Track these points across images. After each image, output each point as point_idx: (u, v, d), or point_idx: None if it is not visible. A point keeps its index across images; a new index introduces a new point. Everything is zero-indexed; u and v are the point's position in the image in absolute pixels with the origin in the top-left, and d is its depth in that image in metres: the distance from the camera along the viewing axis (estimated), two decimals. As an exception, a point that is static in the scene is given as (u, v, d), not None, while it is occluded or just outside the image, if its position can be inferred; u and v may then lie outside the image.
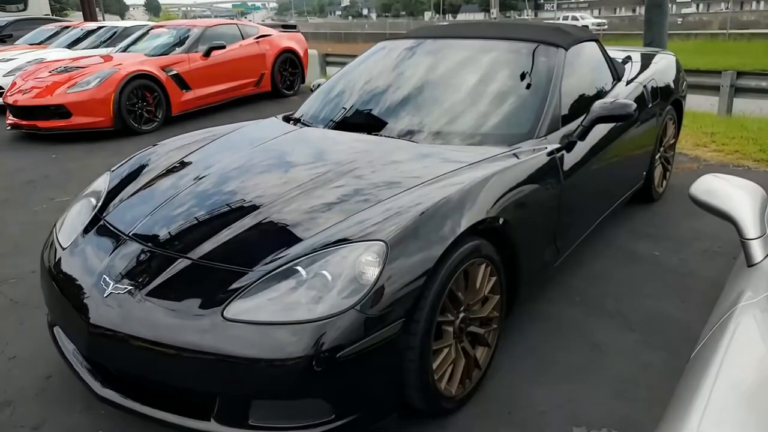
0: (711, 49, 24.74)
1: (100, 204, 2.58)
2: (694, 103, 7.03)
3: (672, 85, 4.22)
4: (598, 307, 2.97)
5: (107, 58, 7.83)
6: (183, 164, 2.82)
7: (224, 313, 1.84)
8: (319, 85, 3.80)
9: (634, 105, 2.86)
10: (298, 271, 1.91)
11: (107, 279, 2.09)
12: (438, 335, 2.07)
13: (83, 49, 9.88)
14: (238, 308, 1.85)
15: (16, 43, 11.80)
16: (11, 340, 2.80)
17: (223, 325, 1.82)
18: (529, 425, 2.18)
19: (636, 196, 4.02)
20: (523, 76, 3.05)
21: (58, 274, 2.29)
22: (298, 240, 2.04)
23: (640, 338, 2.70)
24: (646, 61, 4.28)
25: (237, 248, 2.10)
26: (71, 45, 10.30)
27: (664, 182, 4.40)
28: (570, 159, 2.81)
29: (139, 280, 2.05)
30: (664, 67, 4.29)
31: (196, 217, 2.31)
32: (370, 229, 1.99)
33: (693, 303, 2.98)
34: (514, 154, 2.58)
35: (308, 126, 3.23)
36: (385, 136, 2.89)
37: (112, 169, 2.88)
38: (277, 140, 3.02)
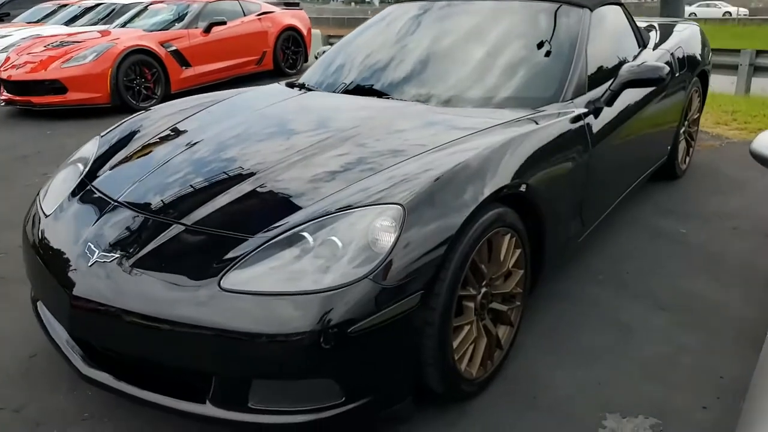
0: (722, 34, 24.35)
1: (87, 170, 2.38)
2: (711, 82, 6.78)
3: (698, 56, 3.98)
4: (624, 285, 2.77)
5: (105, 34, 7.58)
6: (178, 130, 2.61)
7: (221, 283, 1.64)
8: (323, 52, 3.58)
9: (667, 68, 2.64)
10: (304, 238, 1.70)
11: (92, 247, 1.89)
12: (458, 311, 1.87)
13: (81, 26, 9.62)
14: (236, 278, 1.65)
15: (13, 21, 11.54)
16: (-6, 316, 2.61)
17: (220, 296, 1.62)
18: (556, 411, 1.98)
19: (658, 172, 3.80)
20: (546, 37, 2.82)
21: (40, 243, 2.09)
22: (302, 206, 1.83)
23: (673, 318, 2.49)
24: (670, 29, 4.04)
25: (235, 214, 1.89)
26: (69, 23, 10.05)
27: (687, 159, 4.18)
28: (597, 125, 2.59)
29: (128, 248, 1.85)
30: (688, 36, 4.05)
31: (190, 184, 2.10)
32: (382, 194, 1.77)
33: (726, 282, 2.77)
34: (539, 118, 2.36)
35: (312, 91, 3.01)
36: (397, 99, 2.67)
37: (101, 135, 2.67)
38: (278, 105, 2.81)
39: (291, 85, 3.17)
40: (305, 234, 1.71)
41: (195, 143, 2.39)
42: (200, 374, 1.69)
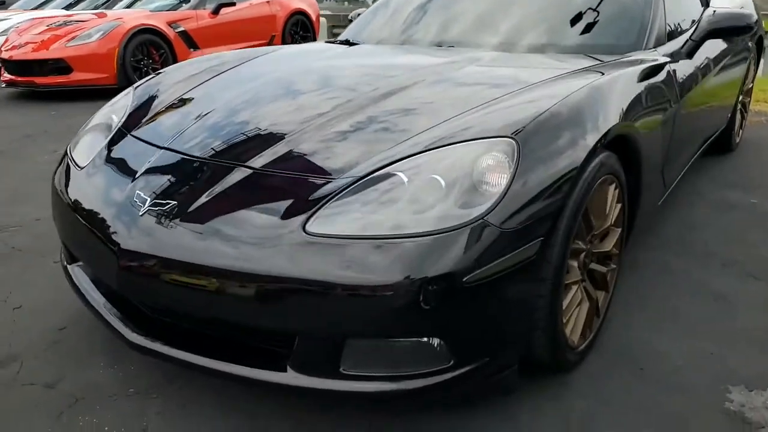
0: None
1: (123, 120, 2.11)
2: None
3: (755, 20, 3.76)
4: (705, 255, 2.53)
5: (101, 15, 7.26)
6: (224, 76, 2.35)
7: (307, 227, 1.39)
8: (359, 15, 3.33)
9: (754, 15, 2.42)
10: (397, 176, 1.45)
11: (142, 195, 1.63)
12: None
13: (80, 11, 9.30)
14: (324, 222, 1.40)
15: (11, 7, 11.20)
16: (14, 288, 2.33)
17: (306, 242, 1.37)
18: (670, 383, 1.74)
19: (713, 145, 3.57)
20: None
21: (76, 197, 1.82)
22: (389, 145, 1.58)
23: (770, 288, 2.27)
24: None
25: (310, 156, 1.64)
26: (68, 8, 9.72)
27: (741, 131, 3.96)
28: (680, 77, 2.36)
29: (186, 194, 1.59)
30: (743, 1, 3.83)
31: (247, 129, 1.84)
32: (487, 128, 1.53)
33: (817, 251, 2.55)
34: (628, 63, 2.12)
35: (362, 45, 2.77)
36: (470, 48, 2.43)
37: (135, 86, 2.40)
38: (331, 58, 2.56)
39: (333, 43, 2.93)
40: (399, 173, 1.46)
41: (247, 91, 2.14)
42: (280, 336, 1.43)
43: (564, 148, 1.52)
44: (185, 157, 1.74)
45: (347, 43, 2.87)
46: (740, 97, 3.70)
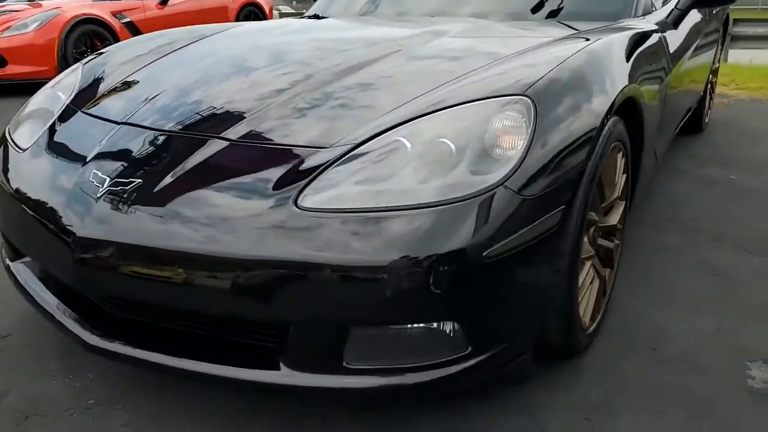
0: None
1: (73, 96, 1.87)
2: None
3: (722, -2, 3.75)
4: (694, 230, 2.46)
5: (36, 6, 6.80)
6: (192, 50, 2.13)
7: (299, 201, 1.20)
8: None
9: None
10: (399, 141, 1.28)
11: (99, 175, 1.41)
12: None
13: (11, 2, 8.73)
14: (318, 195, 1.22)
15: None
16: (-52, 293, 2.05)
17: (299, 218, 1.18)
18: (686, 363, 1.63)
19: (686, 124, 3.54)
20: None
21: (18, 183, 1.58)
22: (385, 111, 1.41)
23: (766, 261, 2.19)
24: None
25: (293, 126, 1.45)
26: None
27: (709, 112, 3.95)
28: (670, 46, 2.27)
29: (152, 171, 1.38)
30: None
31: (216, 102, 1.63)
32: (496, 87, 1.37)
33: (804, 223, 2.52)
34: (621, 29, 2.00)
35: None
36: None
37: (84, 62, 2.14)
38: (304, 30, 2.37)
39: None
40: (400, 138, 1.29)
41: (213, 53, 1.94)
42: (271, 327, 1.24)
43: (580, 109, 1.39)
44: (149, 131, 1.52)
45: (316, 17, 2.68)
46: (710, 77, 3.69)
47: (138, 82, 1.89)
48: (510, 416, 1.43)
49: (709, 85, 3.74)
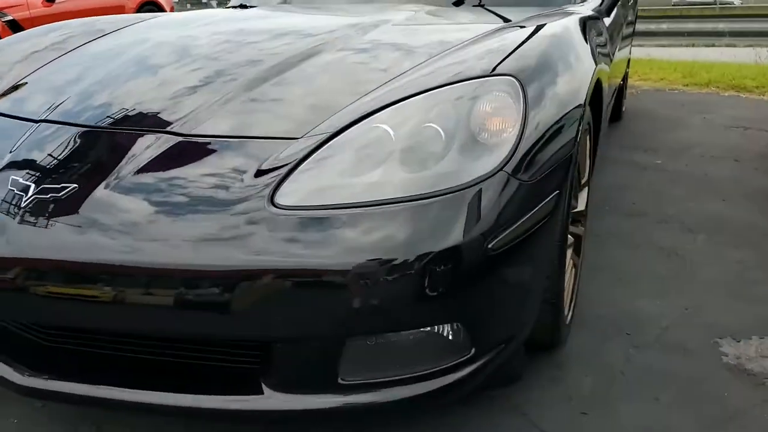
0: None
1: (-30, 94, 1.59)
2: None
3: (631, -7, 3.91)
4: (639, 214, 2.51)
5: None
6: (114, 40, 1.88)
7: (275, 199, 1.05)
8: None
9: None
10: (381, 129, 1.16)
11: (20, 181, 1.18)
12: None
13: None
14: (296, 191, 1.07)
15: None
16: None
17: (276, 218, 1.03)
18: (662, 344, 1.62)
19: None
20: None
21: None
22: (358, 97, 1.28)
23: (711, 238, 2.27)
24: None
25: (253, 115, 1.29)
26: None
27: (624, 101, 4.11)
28: (608, 31, 2.29)
29: (87, 174, 1.17)
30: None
31: (158, 91, 1.43)
32: (479, 67, 1.27)
33: (734, 201, 2.63)
34: (568, 13, 1.98)
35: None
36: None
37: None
38: (242, 18, 2.18)
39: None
40: (381, 125, 1.16)
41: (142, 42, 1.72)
42: (251, 346, 1.08)
43: (564, 89, 1.32)
44: (78, 128, 1.30)
45: (242, 7, 2.49)
46: (627, 67, 3.83)
47: (48, 77, 1.64)
48: (504, 417, 1.34)
49: (626, 75, 3.89)
